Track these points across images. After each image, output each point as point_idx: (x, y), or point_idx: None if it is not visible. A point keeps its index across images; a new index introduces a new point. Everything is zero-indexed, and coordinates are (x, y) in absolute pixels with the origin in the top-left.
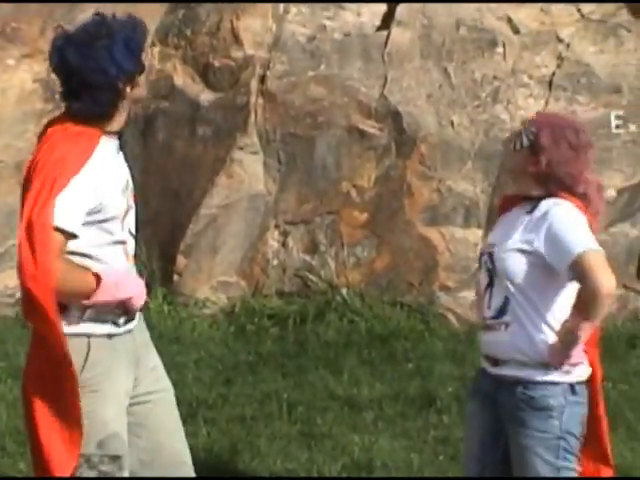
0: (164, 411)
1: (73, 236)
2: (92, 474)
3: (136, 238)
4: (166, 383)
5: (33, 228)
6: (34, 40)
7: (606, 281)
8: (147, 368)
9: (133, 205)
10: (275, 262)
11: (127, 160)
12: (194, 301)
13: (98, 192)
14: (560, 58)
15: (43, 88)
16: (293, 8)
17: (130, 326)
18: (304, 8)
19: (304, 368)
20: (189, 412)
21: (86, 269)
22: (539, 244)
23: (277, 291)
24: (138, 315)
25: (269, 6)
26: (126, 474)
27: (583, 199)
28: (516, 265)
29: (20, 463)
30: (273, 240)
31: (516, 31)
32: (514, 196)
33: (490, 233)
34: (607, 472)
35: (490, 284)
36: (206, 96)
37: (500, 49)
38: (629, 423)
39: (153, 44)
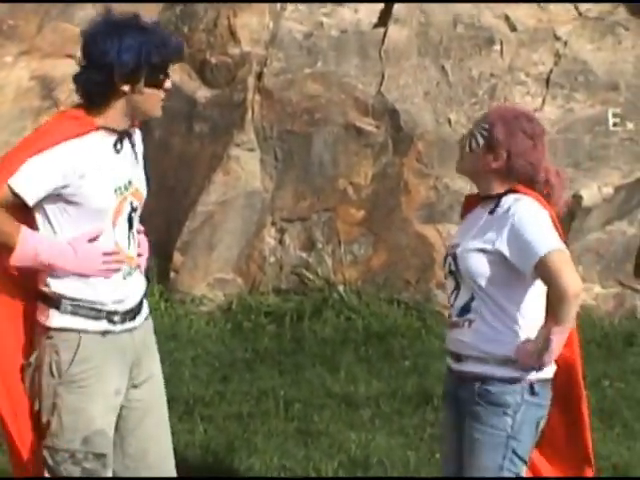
0: (156, 420)
1: (21, 199)
2: (76, 470)
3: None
4: (161, 392)
5: None
6: (31, 37)
7: (572, 282)
8: (146, 373)
9: (137, 206)
10: (272, 259)
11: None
12: (191, 298)
13: (71, 174)
14: (557, 56)
15: (40, 85)
16: (290, 5)
17: (128, 325)
18: (301, 5)
19: (301, 365)
20: (186, 409)
21: (16, 226)
22: (501, 244)
23: (274, 288)
24: (142, 317)
25: (266, 3)
26: (109, 473)
27: (545, 187)
28: (478, 265)
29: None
30: (270, 237)
31: (513, 29)
32: (476, 195)
33: (455, 234)
34: (588, 473)
35: (456, 284)
36: (203, 93)
37: (497, 47)
38: (626, 421)
39: None
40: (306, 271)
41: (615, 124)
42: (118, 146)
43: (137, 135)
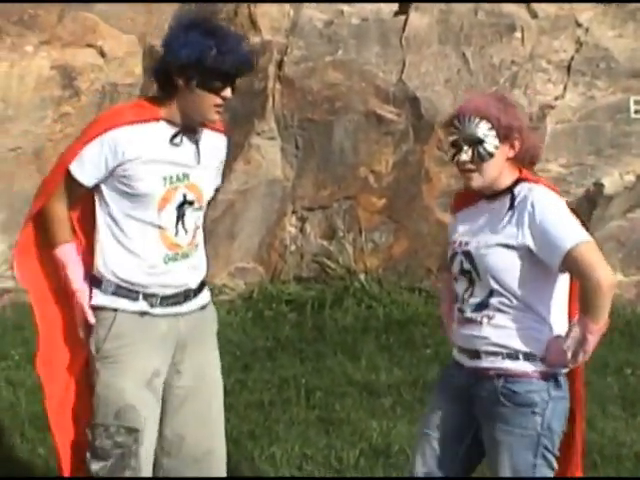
0: (197, 409)
1: (81, 185)
2: (109, 444)
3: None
4: (210, 384)
5: (57, 163)
6: (52, 27)
7: (606, 274)
8: (194, 362)
9: (192, 200)
10: (293, 248)
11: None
12: (212, 287)
13: (121, 156)
14: (579, 43)
15: (61, 75)
16: None
17: (171, 310)
18: None
19: (322, 354)
20: None
21: (66, 232)
22: (524, 238)
23: (295, 277)
24: (193, 305)
25: None
26: (143, 450)
27: (532, 152)
28: (500, 261)
29: (39, 448)
30: (291, 226)
31: (534, 16)
32: (468, 192)
33: (453, 232)
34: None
35: (470, 282)
36: None
37: (518, 34)
38: None
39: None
40: (327, 259)
41: (637, 111)
42: (176, 139)
43: (211, 138)
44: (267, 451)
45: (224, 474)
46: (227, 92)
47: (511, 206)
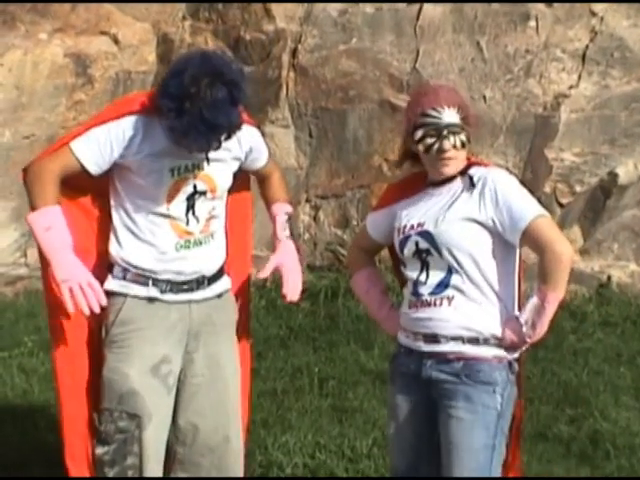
0: (212, 399)
1: (78, 163)
2: (112, 428)
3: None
4: (223, 371)
5: (59, 142)
6: (66, 14)
7: (567, 246)
8: (208, 350)
9: (204, 190)
10: (306, 236)
11: None
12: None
13: (128, 146)
14: (593, 32)
15: (74, 62)
16: None
17: (182, 297)
18: None
19: (335, 342)
20: None
21: (54, 197)
22: (487, 213)
23: (308, 265)
24: (207, 292)
25: None
26: (148, 436)
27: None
28: (461, 232)
29: (50, 435)
30: (304, 214)
31: (549, 4)
32: (408, 182)
33: (395, 220)
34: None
35: (423, 264)
36: None
37: (533, 23)
38: None
39: (184, 18)
40: (340, 248)
41: None
42: None
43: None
44: (280, 439)
45: (240, 465)
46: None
47: (472, 184)
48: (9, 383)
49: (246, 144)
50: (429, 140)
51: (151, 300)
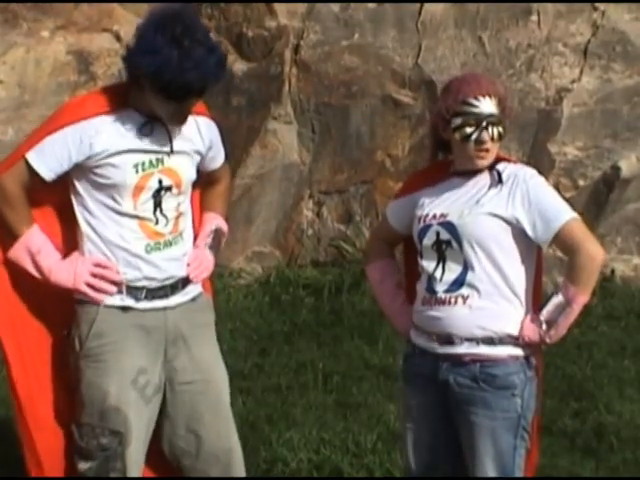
0: (208, 404)
1: (37, 175)
2: (94, 444)
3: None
4: (212, 374)
5: (13, 152)
6: (69, 12)
7: (599, 248)
8: (193, 356)
9: (169, 185)
10: (310, 232)
11: None
12: (229, 271)
13: (87, 148)
14: (595, 26)
15: (77, 60)
16: None
17: (158, 303)
18: None
19: (339, 338)
20: None
21: (29, 216)
22: (515, 211)
23: (312, 261)
24: (181, 297)
25: None
26: (130, 452)
27: None
28: (486, 228)
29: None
30: (307, 210)
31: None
32: (432, 170)
33: (418, 208)
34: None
35: (441, 258)
36: (240, 66)
37: (535, 17)
38: None
39: None
40: (344, 243)
41: None
42: (145, 129)
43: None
44: (285, 435)
45: (243, 474)
46: (191, 101)
47: (499, 180)
48: None
49: (207, 137)
50: (468, 129)
51: (125, 309)
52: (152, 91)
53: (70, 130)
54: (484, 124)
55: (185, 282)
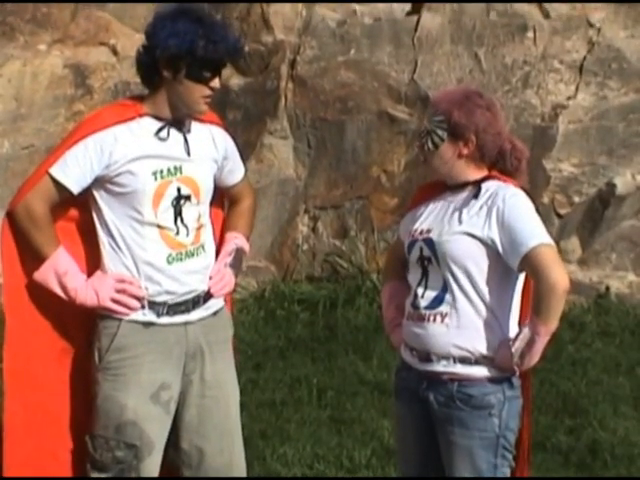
0: (216, 421)
1: (64, 189)
2: (108, 457)
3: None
4: (223, 390)
5: (36, 171)
6: (65, 25)
7: (562, 277)
8: (208, 371)
9: (188, 194)
10: (305, 247)
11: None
12: None
13: (107, 158)
14: (591, 43)
15: (74, 73)
16: None
17: (178, 319)
18: None
19: (334, 353)
20: None
21: (55, 236)
22: (490, 231)
23: (307, 276)
24: (202, 311)
25: None
26: (146, 465)
27: (512, 157)
28: (462, 248)
29: None
30: (303, 225)
31: (547, 16)
32: (436, 184)
33: (414, 222)
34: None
35: (423, 273)
36: (236, 81)
37: (531, 34)
38: None
39: None
40: (339, 259)
41: None
42: (162, 133)
43: (202, 130)
44: (279, 451)
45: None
46: (216, 82)
47: (475, 196)
48: None
49: (221, 146)
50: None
51: (146, 325)
52: (181, 77)
53: (90, 140)
54: (420, 133)
55: (207, 296)
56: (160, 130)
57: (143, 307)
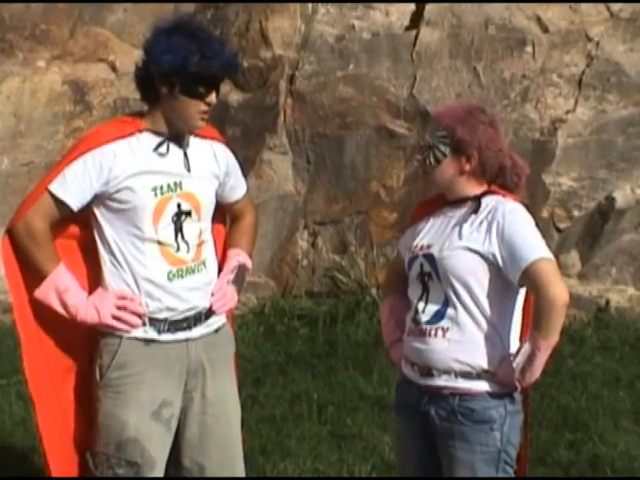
0: (217, 438)
1: (63, 205)
2: (109, 474)
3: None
4: (225, 407)
5: (35, 188)
6: (64, 42)
7: (562, 291)
8: (210, 388)
9: (188, 210)
10: (305, 262)
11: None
12: None
13: (107, 174)
14: (589, 57)
15: (73, 90)
16: (321, 8)
17: (179, 335)
18: (332, 8)
19: (334, 368)
20: None
21: (55, 254)
22: (491, 246)
23: (307, 291)
24: (204, 328)
25: (297, 6)
26: None
27: (513, 173)
28: (463, 263)
29: None
30: (302, 240)
31: (545, 30)
32: (435, 200)
33: (414, 238)
34: None
35: (424, 288)
36: (235, 96)
37: (529, 48)
38: None
39: None
40: (339, 274)
41: None
42: (161, 149)
43: (202, 146)
44: (279, 466)
45: None
46: (212, 98)
47: (475, 211)
48: (7, 411)
49: (222, 162)
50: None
51: (147, 342)
52: (176, 93)
53: (89, 157)
54: (421, 148)
55: (208, 313)
56: (159, 145)
57: (144, 324)
